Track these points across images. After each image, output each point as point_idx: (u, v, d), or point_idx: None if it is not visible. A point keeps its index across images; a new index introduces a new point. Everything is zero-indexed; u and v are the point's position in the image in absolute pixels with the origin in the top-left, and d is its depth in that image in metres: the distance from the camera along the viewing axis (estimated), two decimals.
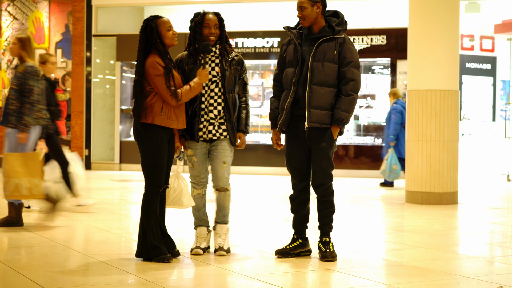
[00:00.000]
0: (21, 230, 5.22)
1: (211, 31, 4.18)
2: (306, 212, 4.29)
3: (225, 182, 4.28)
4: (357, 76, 4.11)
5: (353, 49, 4.14)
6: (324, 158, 4.12)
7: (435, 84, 7.32)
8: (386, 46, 11.43)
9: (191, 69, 4.19)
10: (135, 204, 7.49)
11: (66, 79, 14.14)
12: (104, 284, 3.50)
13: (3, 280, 3.65)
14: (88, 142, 12.88)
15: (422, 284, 3.56)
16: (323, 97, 4.07)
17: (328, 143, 4.11)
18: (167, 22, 4.06)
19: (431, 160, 7.29)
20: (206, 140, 4.25)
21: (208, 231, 4.37)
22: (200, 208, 4.33)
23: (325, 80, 4.08)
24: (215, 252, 4.27)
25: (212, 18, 4.20)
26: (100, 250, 4.43)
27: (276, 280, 3.64)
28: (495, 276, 3.87)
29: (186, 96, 4.04)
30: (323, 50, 4.09)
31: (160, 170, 4.04)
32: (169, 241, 4.15)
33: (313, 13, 4.11)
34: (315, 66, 4.08)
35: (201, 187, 4.32)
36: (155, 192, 4.06)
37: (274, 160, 11.34)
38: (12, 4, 14.41)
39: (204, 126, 4.21)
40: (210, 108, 4.21)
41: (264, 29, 11.96)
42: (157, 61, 4.00)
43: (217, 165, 4.26)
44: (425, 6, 7.39)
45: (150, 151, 4.03)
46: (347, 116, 4.09)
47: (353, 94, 4.10)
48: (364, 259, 4.34)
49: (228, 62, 4.23)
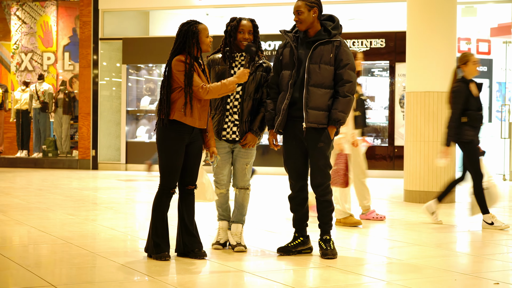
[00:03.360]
0: (30, 228, 5.27)
1: (245, 36, 4.30)
2: (305, 211, 4.34)
3: (246, 182, 4.42)
4: (354, 78, 4.19)
5: (348, 52, 4.21)
6: (321, 157, 4.18)
7: (433, 86, 7.37)
8: (385, 49, 11.49)
9: (222, 70, 4.30)
10: (141, 203, 7.58)
11: (74, 82, 14.27)
12: (110, 281, 3.52)
13: (12, 276, 3.68)
14: (95, 143, 12.99)
15: (420, 281, 3.59)
16: (320, 98, 4.14)
17: (325, 142, 4.17)
18: (206, 29, 4.12)
19: (429, 160, 7.35)
20: (229, 141, 4.34)
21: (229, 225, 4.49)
22: (223, 204, 4.47)
23: (322, 82, 4.14)
24: (233, 249, 4.36)
25: (247, 24, 4.32)
26: (107, 248, 4.47)
27: (278, 277, 3.69)
28: (492, 273, 3.91)
29: (216, 90, 4.02)
30: (319, 52, 4.15)
31: (173, 172, 4.05)
32: (194, 242, 4.12)
33: (309, 17, 4.17)
34: (312, 68, 4.14)
35: (224, 187, 4.43)
36: (165, 193, 4.08)
37: (275, 160, 11.44)
38: (21, 9, 14.54)
39: (228, 126, 4.31)
40: (234, 110, 4.31)
41: (266, 33, 12.03)
42: (180, 59, 4.03)
43: (240, 166, 4.38)
44: (423, 10, 7.44)
45: (166, 151, 4.04)
46: (343, 116, 4.15)
47: (350, 96, 4.16)
48: (364, 257, 4.37)
49: (255, 67, 4.32)
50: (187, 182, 4.15)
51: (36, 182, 9.96)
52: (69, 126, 13.74)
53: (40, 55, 14.52)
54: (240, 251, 4.34)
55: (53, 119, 13.77)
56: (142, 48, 12.48)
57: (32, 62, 14.58)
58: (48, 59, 14.49)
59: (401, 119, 11.43)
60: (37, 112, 13.65)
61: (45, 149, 13.58)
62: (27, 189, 8.88)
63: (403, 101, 11.17)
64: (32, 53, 14.55)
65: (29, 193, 8.25)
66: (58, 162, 13.41)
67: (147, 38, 12.62)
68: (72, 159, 13.40)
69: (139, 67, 13.09)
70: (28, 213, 6.20)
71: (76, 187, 9.28)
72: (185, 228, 4.13)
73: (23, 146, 13.96)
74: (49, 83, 14.12)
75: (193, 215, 4.19)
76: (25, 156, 13.85)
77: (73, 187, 9.19)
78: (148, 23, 13.52)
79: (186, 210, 4.15)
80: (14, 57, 14.70)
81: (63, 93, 13.56)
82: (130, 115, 12.83)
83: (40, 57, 14.53)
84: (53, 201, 7.32)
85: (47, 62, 14.48)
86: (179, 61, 4.02)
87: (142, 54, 12.51)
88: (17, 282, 3.55)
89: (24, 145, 13.96)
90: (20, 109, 13.90)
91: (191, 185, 4.16)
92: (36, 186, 9.34)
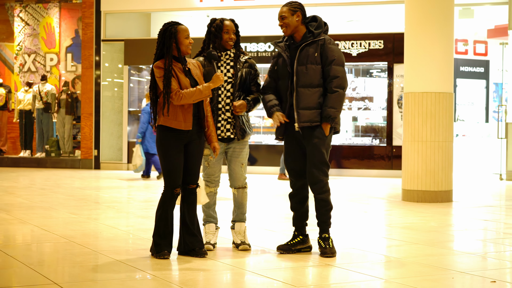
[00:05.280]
0: (33, 227, 5.31)
1: (231, 36, 4.37)
2: (305, 210, 4.37)
3: (243, 181, 4.47)
4: (341, 73, 4.20)
5: (334, 48, 4.23)
6: (316, 153, 4.19)
7: (431, 86, 7.39)
8: (383, 50, 11.52)
9: (208, 71, 4.34)
10: (142, 202, 7.61)
11: (76, 82, 14.33)
12: (113, 279, 3.54)
13: (15, 275, 3.71)
14: (97, 143, 13.05)
15: (418, 279, 3.61)
16: (309, 98, 4.18)
17: (320, 138, 4.19)
18: (186, 30, 4.12)
19: (426, 160, 7.38)
20: (224, 139, 4.40)
21: (216, 228, 4.52)
22: (211, 205, 4.48)
23: (310, 82, 4.19)
24: (237, 247, 4.40)
25: (230, 24, 4.40)
26: (109, 247, 4.50)
27: (278, 275, 3.72)
28: (488, 271, 3.93)
29: (190, 96, 4.03)
30: (305, 53, 4.21)
31: (173, 172, 4.08)
32: (195, 241, 4.15)
33: (293, 21, 4.23)
34: (299, 70, 4.19)
35: (214, 186, 4.47)
36: (168, 193, 4.12)
37: (276, 160, 11.47)
38: (24, 11, 14.59)
39: (222, 125, 4.37)
40: (226, 108, 4.36)
41: (266, 34, 12.10)
42: (158, 65, 4.07)
43: (235, 167, 4.43)
44: (421, 12, 7.46)
45: (164, 153, 4.09)
46: (334, 112, 4.17)
47: (338, 90, 4.17)
48: (362, 255, 4.38)
49: (241, 64, 4.42)
50: (188, 181, 4.19)
51: (39, 182, 10.00)
52: (72, 126, 13.80)
53: (43, 56, 14.58)
54: (244, 249, 4.39)
55: (55, 119, 13.83)
56: (143, 49, 12.52)
57: (35, 63, 14.64)
58: (51, 60, 14.55)
59: (399, 119, 11.48)
60: (40, 113, 13.71)
61: (48, 149, 13.64)
62: (30, 188, 8.93)
63: (401, 101, 11.21)
64: (35, 54, 14.61)
65: (32, 192, 8.30)
66: (60, 162, 13.47)
67: (149, 40, 12.67)
68: (74, 159, 13.45)
69: (141, 68, 13.15)
70: (31, 212, 6.24)
71: (78, 186, 9.31)
72: (186, 228, 4.17)
73: (26, 146, 14.03)
74: (52, 84, 14.18)
75: (195, 215, 4.21)
76: (28, 156, 13.92)
77: (75, 187, 9.22)
78: (149, 24, 13.57)
79: (188, 209, 4.18)
80: (18, 58, 14.76)
81: (65, 94, 13.62)
82: (131, 116, 12.89)
83: (43, 58, 14.59)
84: (55, 200, 7.36)
85: (50, 63, 14.54)
86: (157, 68, 4.07)
87: (143, 55, 12.56)
88: (20, 280, 3.59)
89: (27, 145, 14.02)
90: (23, 110, 13.96)
91: (192, 184, 4.19)
92: (39, 185, 9.38)
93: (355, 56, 11.59)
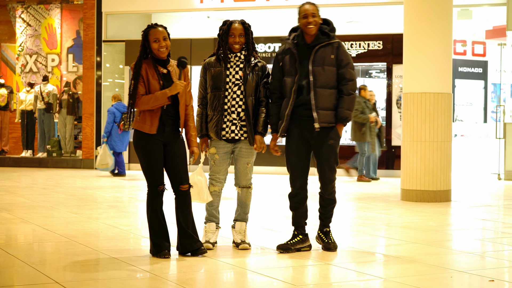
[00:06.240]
0: (35, 227, 5.32)
1: (236, 40, 4.37)
2: (305, 209, 4.41)
3: (247, 181, 4.49)
4: (354, 76, 4.37)
5: (347, 52, 4.41)
6: (332, 154, 4.32)
7: (429, 87, 7.42)
8: (382, 51, 11.56)
9: (217, 72, 4.38)
10: (143, 202, 7.61)
11: (77, 83, 14.38)
12: (113, 278, 3.56)
13: (17, 274, 3.72)
14: (98, 143, 13.08)
15: (417, 278, 3.62)
16: (327, 99, 4.28)
17: (335, 139, 4.32)
18: (155, 33, 4.06)
19: (425, 160, 7.41)
20: (229, 140, 4.42)
21: (216, 227, 4.52)
22: (214, 204, 4.49)
23: (327, 83, 4.28)
24: (237, 246, 4.41)
25: (238, 27, 4.39)
26: (110, 246, 4.52)
27: (278, 274, 3.73)
28: (487, 270, 3.95)
29: (146, 102, 4.01)
30: (321, 55, 4.28)
31: (153, 172, 4.09)
32: (192, 242, 4.15)
33: (319, 21, 4.33)
34: (316, 71, 4.27)
35: (219, 185, 4.48)
36: (153, 191, 4.12)
37: (276, 160, 11.50)
38: (26, 11, 14.64)
39: (227, 126, 4.39)
40: (232, 109, 4.38)
41: (266, 35, 12.12)
42: (131, 66, 4.14)
43: (241, 166, 4.46)
44: (420, 13, 7.49)
45: (141, 155, 4.10)
46: (350, 113, 4.33)
47: (353, 93, 4.34)
48: (362, 254, 4.39)
49: (251, 67, 4.41)
50: (178, 182, 4.17)
51: (40, 181, 10.02)
52: (73, 127, 13.84)
53: (45, 57, 14.62)
54: (244, 248, 4.41)
55: (57, 119, 13.87)
56: None
57: (36, 63, 14.69)
58: (53, 60, 14.59)
59: (398, 119, 11.52)
60: (41, 113, 13.75)
61: (49, 149, 13.68)
62: (32, 188, 8.95)
63: (400, 102, 11.25)
64: (36, 55, 14.66)
65: (34, 192, 8.32)
66: (62, 162, 13.51)
67: None
68: (76, 159, 13.49)
69: None
70: (33, 212, 6.27)
71: (79, 186, 9.33)
72: (181, 231, 4.17)
73: (28, 146, 14.07)
74: (53, 84, 14.22)
75: (189, 217, 4.18)
76: (30, 156, 13.96)
77: (77, 186, 9.24)
78: None
79: (182, 212, 4.17)
80: (19, 58, 14.81)
81: (67, 94, 13.66)
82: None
83: (45, 59, 14.63)
84: (57, 200, 7.38)
85: (51, 63, 14.58)
86: (130, 69, 4.12)
87: None
88: (22, 279, 3.60)
89: (29, 145, 14.07)
90: (25, 110, 14.01)
91: (183, 185, 4.17)
92: (41, 185, 9.41)
93: (354, 56, 11.61)
